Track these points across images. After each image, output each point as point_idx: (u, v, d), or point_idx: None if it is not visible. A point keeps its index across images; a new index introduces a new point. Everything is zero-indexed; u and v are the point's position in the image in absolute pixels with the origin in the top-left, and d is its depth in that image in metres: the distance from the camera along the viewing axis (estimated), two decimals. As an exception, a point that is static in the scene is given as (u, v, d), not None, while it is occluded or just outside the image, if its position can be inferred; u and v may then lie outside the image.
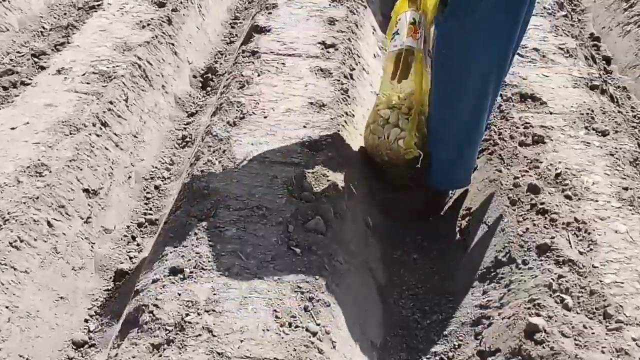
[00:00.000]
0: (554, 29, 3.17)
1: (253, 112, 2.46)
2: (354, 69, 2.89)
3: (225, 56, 3.40)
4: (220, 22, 3.74)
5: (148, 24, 3.09)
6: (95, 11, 3.20)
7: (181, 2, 3.37)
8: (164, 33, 3.11)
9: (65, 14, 3.28)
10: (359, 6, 3.48)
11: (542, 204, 2.05)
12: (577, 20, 3.69)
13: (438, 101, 2.19)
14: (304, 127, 2.39)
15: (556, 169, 2.19)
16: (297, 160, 2.22)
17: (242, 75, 2.70)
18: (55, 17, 3.23)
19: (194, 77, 3.18)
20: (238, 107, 2.50)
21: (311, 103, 2.54)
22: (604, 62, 3.34)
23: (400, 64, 2.41)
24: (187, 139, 2.76)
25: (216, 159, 2.22)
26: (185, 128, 2.85)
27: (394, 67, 2.42)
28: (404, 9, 2.33)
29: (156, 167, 2.59)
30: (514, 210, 2.09)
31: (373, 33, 3.52)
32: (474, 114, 2.15)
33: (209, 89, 3.13)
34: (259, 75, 2.70)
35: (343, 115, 2.53)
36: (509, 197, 2.13)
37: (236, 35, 3.62)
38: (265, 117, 2.44)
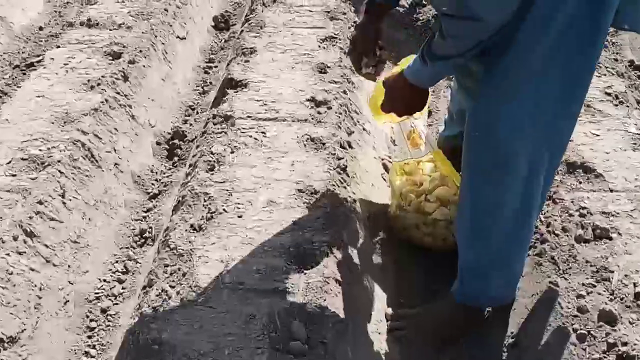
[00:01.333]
0: (594, 65, 2.58)
1: (224, 210, 1.89)
2: (352, 132, 2.32)
3: (197, 112, 2.83)
4: (192, 67, 3.16)
5: (98, 84, 2.51)
6: (35, 69, 2.62)
7: (141, 51, 2.80)
8: (118, 93, 2.54)
9: (-2, 74, 2.72)
10: (355, 44, 2.90)
11: (624, 343, 1.48)
12: (611, 44, 3.11)
13: (471, 191, 1.62)
14: (292, 228, 1.82)
15: (635, 284, 1.61)
16: (282, 285, 1.64)
17: (212, 153, 2.13)
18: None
19: (158, 144, 2.61)
20: (205, 201, 1.93)
21: (300, 190, 1.96)
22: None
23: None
24: (147, 234, 2.18)
25: (174, 289, 1.65)
26: (144, 217, 2.27)
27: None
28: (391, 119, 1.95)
29: (104, 281, 2.01)
30: (584, 349, 1.52)
31: (373, 76, 2.94)
32: (521, 205, 1.58)
33: (176, 159, 2.56)
34: (232, 152, 2.13)
35: (342, 203, 1.96)
36: (575, 329, 1.56)
37: (211, 83, 3.05)
38: (240, 217, 1.86)
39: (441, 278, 1.93)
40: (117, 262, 2.09)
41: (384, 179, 2.33)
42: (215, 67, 3.19)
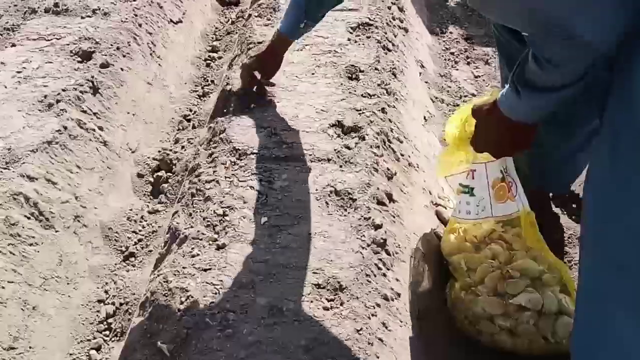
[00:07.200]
0: None
1: (207, 322, 1.29)
2: (395, 174, 1.68)
3: (194, 126, 2.21)
4: (191, 60, 2.52)
5: (57, 101, 1.91)
6: (-20, 80, 2.03)
7: (118, 48, 2.17)
8: (84, 112, 1.94)
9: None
10: (396, 31, 2.21)
11: None
12: None
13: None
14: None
15: None
16: None
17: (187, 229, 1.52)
18: None
19: (140, 175, 2.01)
20: (182, 302, 1.33)
21: (318, 286, 1.35)
22: None
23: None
24: (118, 327, 1.61)
25: None
26: (115, 291, 1.70)
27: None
28: (474, 158, 1.44)
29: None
30: None
31: (420, 73, 2.26)
32: None
33: (162, 197, 1.96)
34: (224, 217, 1.51)
35: (379, 306, 1.34)
36: None
37: (212, 81, 2.41)
38: (228, 337, 1.26)
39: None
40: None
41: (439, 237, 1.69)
42: (220, 57, 2.55)
